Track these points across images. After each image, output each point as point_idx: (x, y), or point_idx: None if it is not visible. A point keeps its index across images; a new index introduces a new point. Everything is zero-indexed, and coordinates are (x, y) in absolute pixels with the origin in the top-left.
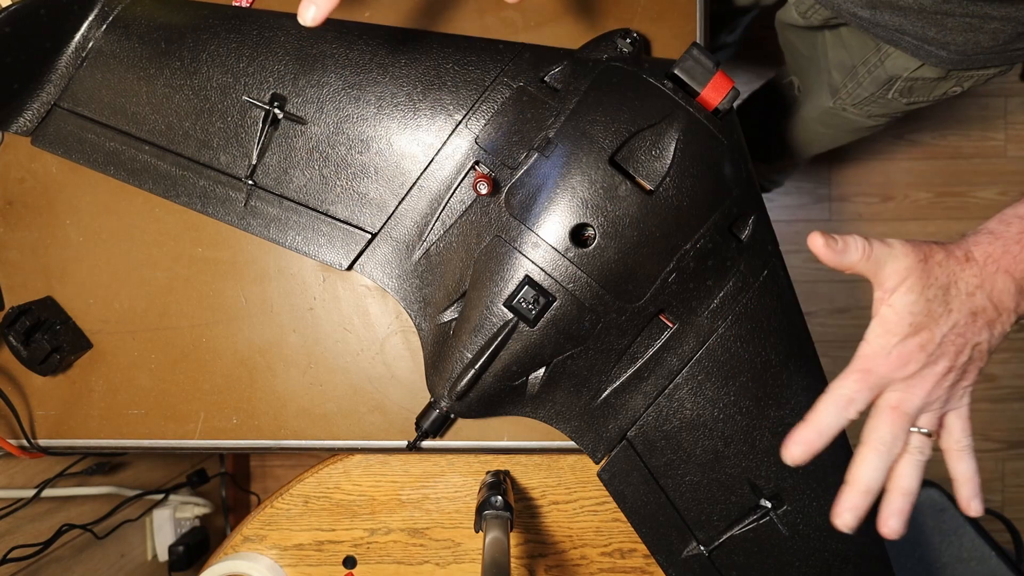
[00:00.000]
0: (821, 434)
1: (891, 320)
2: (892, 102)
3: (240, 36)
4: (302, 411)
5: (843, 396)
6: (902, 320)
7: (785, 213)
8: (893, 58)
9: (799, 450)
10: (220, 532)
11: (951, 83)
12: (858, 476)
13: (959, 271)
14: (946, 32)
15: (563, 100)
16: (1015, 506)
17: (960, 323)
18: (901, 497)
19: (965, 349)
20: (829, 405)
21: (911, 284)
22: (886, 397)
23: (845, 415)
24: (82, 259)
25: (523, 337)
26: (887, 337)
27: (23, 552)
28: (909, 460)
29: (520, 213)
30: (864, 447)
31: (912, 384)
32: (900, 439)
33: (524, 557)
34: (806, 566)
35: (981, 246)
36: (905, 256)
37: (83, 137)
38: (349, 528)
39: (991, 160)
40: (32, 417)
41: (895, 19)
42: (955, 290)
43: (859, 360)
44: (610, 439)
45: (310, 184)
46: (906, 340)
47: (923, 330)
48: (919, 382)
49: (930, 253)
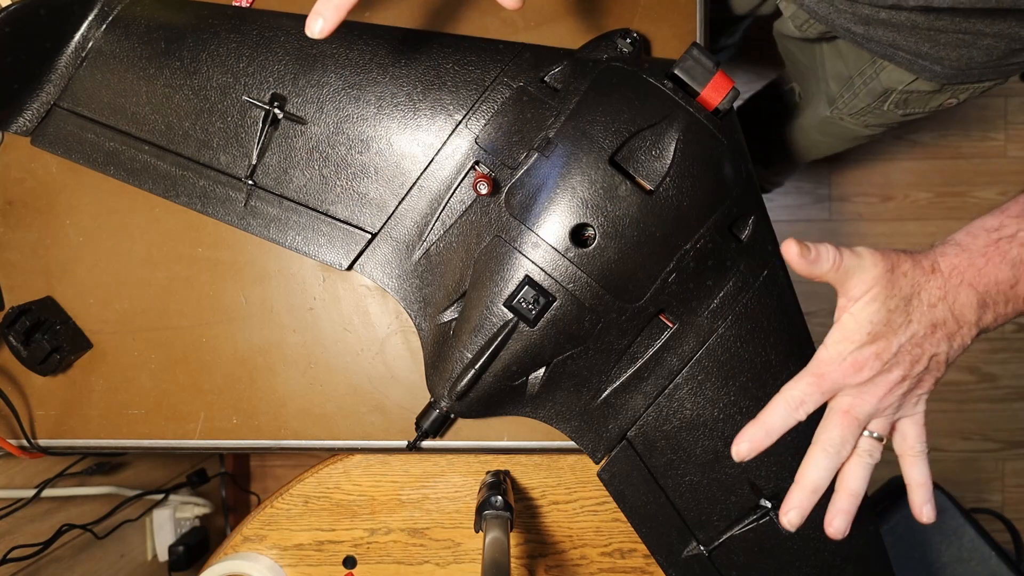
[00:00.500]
0: (768, 433)
1: (850, 328)
2: (888, 113)
3: (240, 36)
4: (302, 411)
5: (794, 398)
6: (861, 328)
7: (785, 213)
8: (888, 71)
9: (746, 447)
10: (220, 532)
11: (946, 95)
12: (805, 476)
13: (924, 282)
14: (940, 48)
15: (563, 100)
16: (1015, 506)
17: (919, 334)
18: (847, 497)
19: (922, 359)
20: (780, 406)
21: (875, 294)
22: (839, 400)
23: (795, 416)
24: (82, 259)
25: (523, 337)
26: (844, 344)
27: (23, 552)
28: (858, 462)
29: (520, 213)
30: (814, 448)
31: (864, 390)
32: (849, 442)
33: (524, 557)
34: (806, 566)
35: (947, 257)
36: (873, 267)
37: (83, 137)
38: (349, 528)
39: (991, 160)
40: (32, 417)
41: (889, 35)
42: (917, 301)
43: (814, 364)
44: (610, 439)
45: (310, 184)
46: (862, 348)
47: (880, 339)
48: (871, 388)
49: (897, 263)
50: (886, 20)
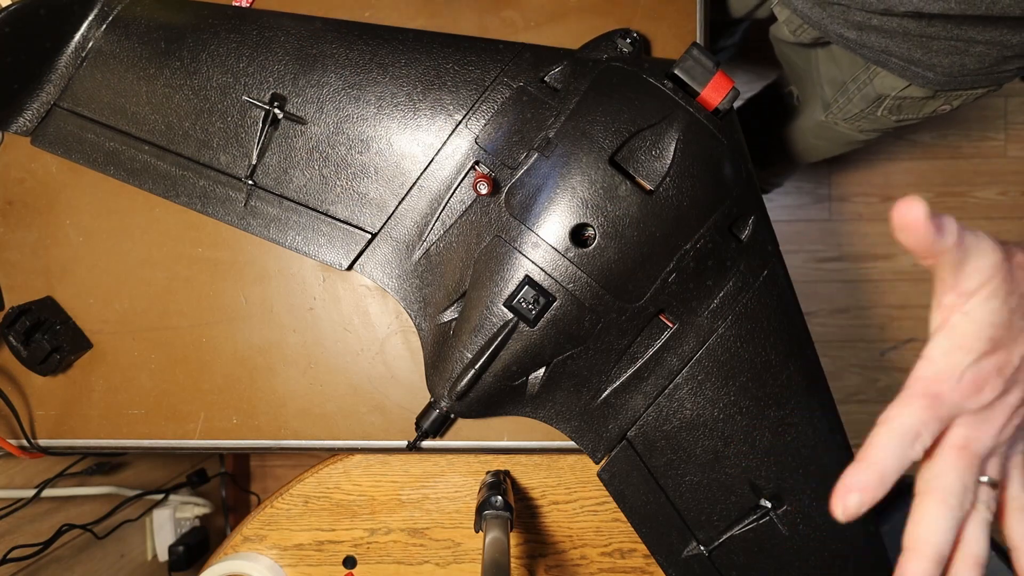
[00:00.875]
0: (883, 479)
1: (967, 332)
2: (882, 119)
3: (240, 36)
4: (302, 411)
5: (909, 429)
6: (981, 333)
7: (785, 213)
8: (882, 77)
9: (855, 499)
10: (220, 532)
11: (940, 102)
12: (926, 538)
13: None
14: (932, 55)
15: (563, 100)
16: None
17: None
18: (973, 569)
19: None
20: (891, 440)
21: (995, 287)
22: (953, 433)
23: (910, 454)
24: (82, 259)
25: (523, 337)
26: (959, 354)
27: (23, 552)
28: (977, 519)
29: (520, 213)
30: (927, 499)
31: (984, 418)
32: (971, 490)
33: (524, 557)
34: (806, 566)
35: None
36: (993, 252)
37: (83, 137)
38: (349, 528)
39: (991, 160)
40: (32, 417)
41: (881, 41)
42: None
43: (921, 383)
44: (610, 439)
45: (310, 184)
46: (981, 360)
47: (1001, 348)
48: (991, 415)
49: (1011, 252)
50: (878, 26)
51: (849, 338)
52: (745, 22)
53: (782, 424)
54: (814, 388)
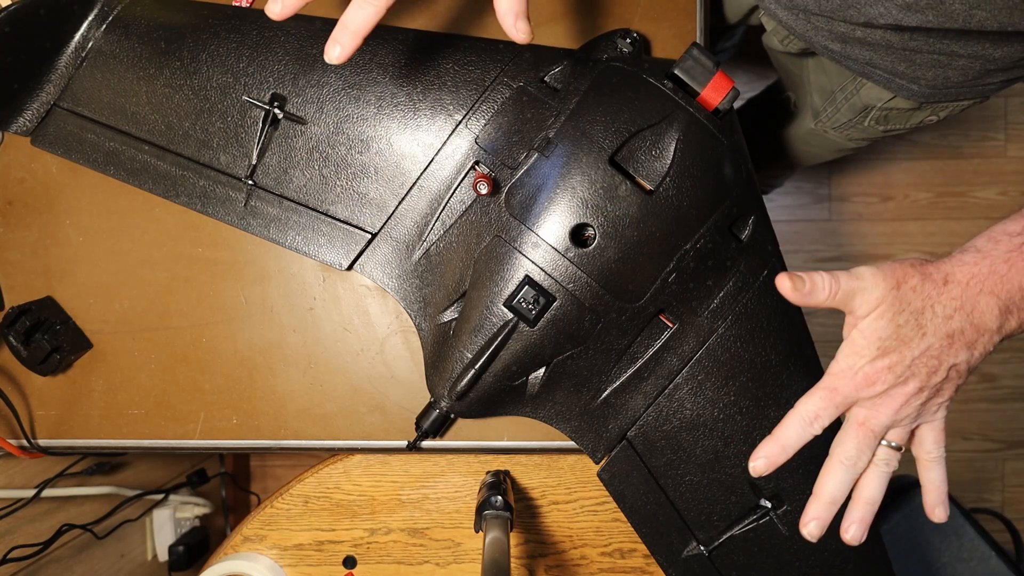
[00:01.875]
0: (784, 449)
1: (859, 343)
2: (869, 128)
3: (240, 36)
4: (302, 411)
5: (808, 412)
6: (870, 344)
7: (785, 213)
8: (868, 88)
9: (763, 464)
10: (220, 532)
11: (926, 113)
12: (823, 488)
13: (936, 295)
14: (915, 68)
15: (563, 100)
16: (1015, 506)
17: (935, 345)
18: (864, 506)
19: (940, 370)
20: (794, 421)
21: (881, 312)
22: (854, 412)
23: (810, 431)
24: (82, 259)
25: (523, 337)
26: (855, 358)
27: (23, 552)
28: (874, 472)
29: (520, 213)
30: (831, 461)
31: (879, 402)
32: (865, 454)
33: (524, 557)
34: (806, 566)
35: (966, 266)
36: (875, 287)
37: (83, 137)
38: (349, 528)
39: (991, 160)
40: (32, 417)
41: (865, 53)
42: (931, 313)
43: (827, 378)
44: (610, 439)
45: (310, 184)
46: (874, 361)
47: (892, 352)
48: (886, 400)
49: (904, 278)
50: (861, 38)
51: None
52: (741, 26)
53: None
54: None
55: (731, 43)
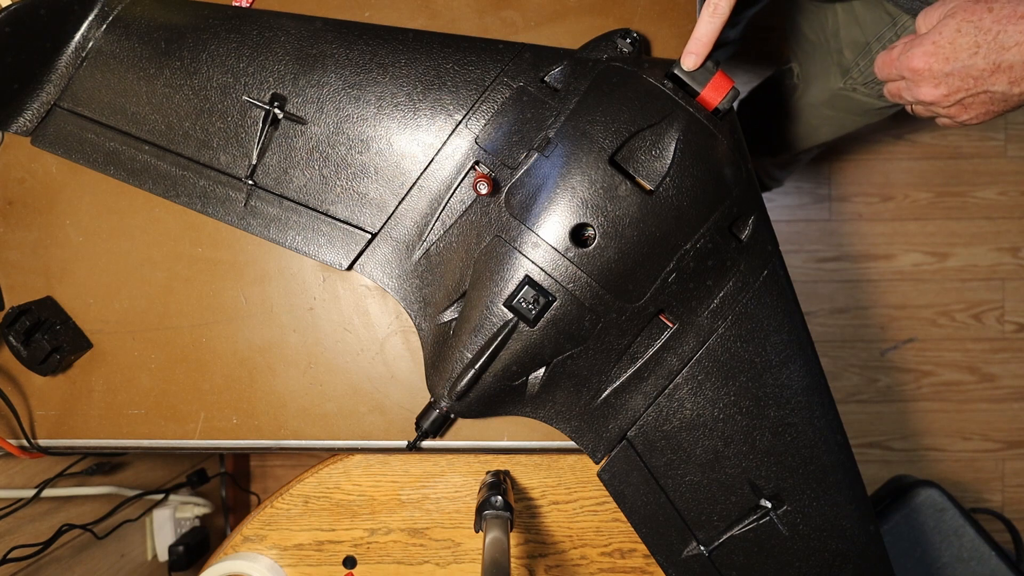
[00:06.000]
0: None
1: (920, 26)
2: None
3: (240, 36)
4: (302, 411)
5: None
6: (928, 36)
7: (785, 213)
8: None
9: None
10: (220, 532)
11: None
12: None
13: (1010, 26)
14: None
15: (563, 100)
16: (1015, 506)
17: (978, 66)
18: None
19: (971, 91)
20: (708, 22)
21: (953, 10)
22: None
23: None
24: (82, 259)
25: (523, 337)
26: (907, 41)
27: (23, 552)
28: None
29: (520, 213)
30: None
31: (899, 65)
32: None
33: (524, 557)
34: (806, 566)
35: None
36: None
37: (83, 137)
38: (349, 528)
39: (991, 160)
40: (32, 417)
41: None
42: (992, 36)
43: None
44: (610, 439)
45: (310, 184)
46: (919, 46)
47: (939, 54)
48: (915, 78)
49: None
50: None
51: (849, 338)
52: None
53: (782, 424)
54: (814, 388)
55: (733, 34)
